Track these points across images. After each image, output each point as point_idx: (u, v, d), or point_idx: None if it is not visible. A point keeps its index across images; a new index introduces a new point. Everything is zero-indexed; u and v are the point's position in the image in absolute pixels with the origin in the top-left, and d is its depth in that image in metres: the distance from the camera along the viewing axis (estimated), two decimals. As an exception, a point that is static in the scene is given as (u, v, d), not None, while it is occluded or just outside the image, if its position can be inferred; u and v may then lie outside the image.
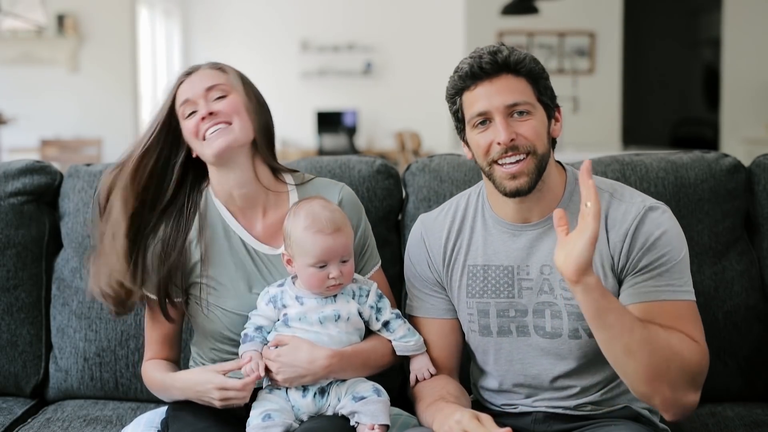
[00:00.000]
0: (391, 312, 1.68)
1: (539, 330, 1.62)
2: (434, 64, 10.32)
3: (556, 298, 1.60)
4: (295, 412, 1.61)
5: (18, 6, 7.34)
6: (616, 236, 1.57)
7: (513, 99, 1.55)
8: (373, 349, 1.66)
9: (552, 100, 1.61)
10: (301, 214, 1.63)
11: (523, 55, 1.57)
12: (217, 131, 1.65)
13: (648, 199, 1.60)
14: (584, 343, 1.59)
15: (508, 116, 1.55)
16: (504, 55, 1.55)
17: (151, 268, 1.69)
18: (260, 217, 1.73)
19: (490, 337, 1.65)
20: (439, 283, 1.71)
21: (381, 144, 10.54)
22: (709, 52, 10.03)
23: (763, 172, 1.99)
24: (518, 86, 1.55)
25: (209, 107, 1.66)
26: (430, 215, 1.76)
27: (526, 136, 1.55)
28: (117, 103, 8.44)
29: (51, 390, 2.05)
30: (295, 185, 1.76)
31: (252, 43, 9.94)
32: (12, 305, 2.02)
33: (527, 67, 1.56)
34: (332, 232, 1.61)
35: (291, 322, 1.63)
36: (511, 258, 1.63)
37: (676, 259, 1.54)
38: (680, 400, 1.46)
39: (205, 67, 1.73)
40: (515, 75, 1.56)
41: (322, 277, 1.61)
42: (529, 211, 1.61)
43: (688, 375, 1.46)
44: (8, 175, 2.06)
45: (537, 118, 1.56)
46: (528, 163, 1.55)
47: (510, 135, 1.54)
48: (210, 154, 1.66)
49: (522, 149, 1.55)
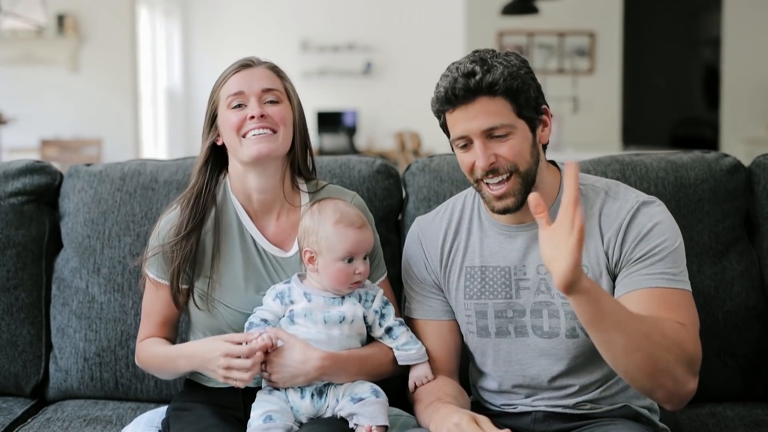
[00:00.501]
0: (395, 319, 1.69)
1: (537, 330, 1.62)
2: (434, 64, 10.28)
3: (553, 298, 1.60)
4: (294, 413, 1.61)
5: (18, 6, 7.35)
6: (609, 232, 1.57)
7: (489, 123, 1.53)
8: (370, 355, 1.66)
9: (536, 110, 1.58)
10: (329, 210, 1.65)
11: (499, 73, 1.51)
12: (261, 135, 1.64)
13: (642, 195, 1.60)
14: (581, 342, 1.59)
15: (487, 138, 1.54)
16: (477, 79, 1.51)
17: (164, 251, 1.68)
18: (274, 220, 1.74)
19: (489, 338, 1.66)
20: (436, 284, 1.71)
21: (381, 144, 10.55)
22: (709, 52, 10.03)
23: (763, 172, 1.99)
24: (495, 108, 1.52)
25: (262, 109, 1.65)
26: (426, 218, 1.76)
27: (506, 157, 1.54)
28: (117, 103, 8.45)
29: (51, 390, 2.05)
30: (308, 192, 1.76)
31: (252, 43, 9.93)
32: (12, 305, 2.02)
33: (504, 86, 1.52)
34: (360, 226, 1.64)
35: (296, 318, 1.63)
36: (508, 259, 1.63)
37: (670, 249, 1.53)
38: (682, 389, 1.45)
39: (264, 66, 1.72)
40: (491, 96, 1.52)
41: (349, 272, 1.63)
42: (523, 214, 1.61)
43: (687, 363, 1.44)
44: (8, 175, 2.06)
45: (517, 137, 1.55)
46: (512, 183, 1.55)
47: (488, 160, 1.53)
48: (248, 155, 1.65)
49: (503, 170, 1.55)
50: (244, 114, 1.65)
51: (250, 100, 1.66)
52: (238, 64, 1.70)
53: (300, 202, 1.75)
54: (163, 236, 1.70)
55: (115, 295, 1.99)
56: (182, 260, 1.67)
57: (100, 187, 2.04)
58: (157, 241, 1.71)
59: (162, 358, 1.71)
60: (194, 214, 1.69)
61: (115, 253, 1.99)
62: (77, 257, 2.02)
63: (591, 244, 1.58)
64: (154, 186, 2.01)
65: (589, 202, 1.61)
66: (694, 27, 10.50)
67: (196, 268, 1.69)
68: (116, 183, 2.04)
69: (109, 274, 1.99)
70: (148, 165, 2.08)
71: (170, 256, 1.68)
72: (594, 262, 1.57)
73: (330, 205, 1.67)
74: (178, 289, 1.69)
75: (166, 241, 1.68)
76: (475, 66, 1.52)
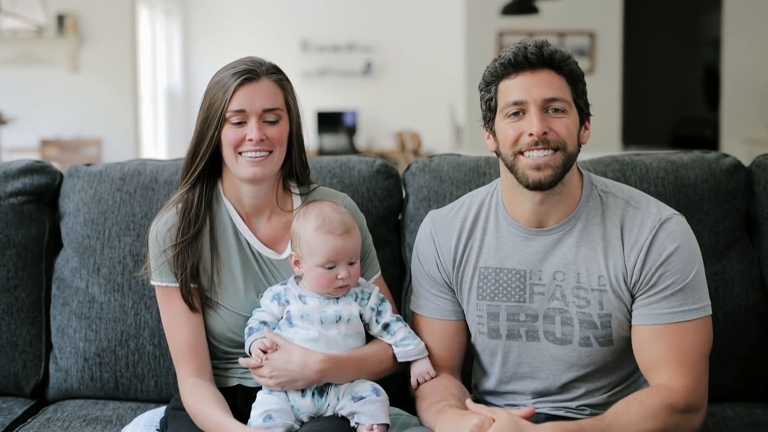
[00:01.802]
0: (391, 315, 1.68)
1: (549, 336, 1.61)
2: (434, 64, 10.34)
3: (568, 306, 1.59)
4: (295, 412, 1.61)
5: (18, 6, 7.34)
6: (630, 249, 1.56)
7: (552, 94, 1.54)
8: (370, 354, 1.66)
9: (586, 106, 1.61)
10: (312, 215, 1.64)
11: (568, 54, 1.56)
12: (256, 158, 1.64)
13: (663, 209, 1.60)
14: (594, 351, 1.59)
15: (543, 111, 1.54)
16: (550, 50, 1.54)
17: (167, 256, 1.67)
18: (265, 222, 1.74)
19: (499, 340, 1.65)
20: (447, 284, 1.70)
21: (381, 144, 10.55)
22: (709, 52, 10.02)
23: (763, 172, 1.99)
24: (558, 83, 1.55)
25: (261, 132, 1.63)
26: (439, 213, 1.74)
27: (559, 133, 1.54)
28: (117, 103, 8.45)
29: (51, 390, 2.05)
30: (300, 194, 1.76)
31: (252, 43, 9.93)
32: (12, 305, 2.02)
33: (570, 67, 1.56)
34: (342, 233, 1.62)
35: (294, 320, 1.63)
36: (524, 262, 1.62)
37: (689, 276, 1.54)
38: (691, 428, 1.53)
39: (268, 79, 1.66)
40: (557, 72, 1.55)
41: (330, 278, 1.62)
42: (546, 214, 1.60)
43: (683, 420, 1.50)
44: (8, 175, 2.06)
45: (571, 118, 1.56)
46: (556, 157, 1.54)
47: (543, 128, 1.53)
48: (243, 175, 1.65)
49: (552, 144, 1.54)
50: (243, 134, 1.63)
51: (250, 120, 1.64)
52: (241, 75, 1.64)
53: (292, 204, 1.75)
54: (162, 241, 1.68)
55: (115, 295, 1.99)
56: (189, 261, 1.66)
57: (100, 187, 2.04)
58: (157, 248, 1.69)
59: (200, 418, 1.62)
60: (196, 218, 1.68)
61: (115, 253, 1.99)
62: (77, 257, 2.02)
63: (611, 254, 1.57)
64: (154, 186, 2.01)
65: (610, 211, 1.60)
66: (694, 27, 10.49)
67: (198, 269, 1.69)
68: (116, 183, 2.04)
69: (109, 274, 1.99)
70: (148, 165, 2.08)
71: (174, 260, 1.66)
72: (612, 273, 1.57)
73: (315, 209, 1.65)
74: (189, 290, 1.67)
75: (168, 245, 1.67)
76: (547, 41, 1.56)
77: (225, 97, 1.63)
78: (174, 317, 1.68)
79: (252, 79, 1.64)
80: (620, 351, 1.60)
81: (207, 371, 1.68)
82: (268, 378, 1.60)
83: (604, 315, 1.57)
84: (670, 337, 1.52)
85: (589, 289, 1.58)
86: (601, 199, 1.61)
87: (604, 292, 1.57)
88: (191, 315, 1.68)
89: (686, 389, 1.51)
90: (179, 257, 1.66)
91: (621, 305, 1.57)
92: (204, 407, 1.61)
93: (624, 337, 1.59)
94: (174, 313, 1.68)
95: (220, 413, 1.59)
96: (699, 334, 1.54)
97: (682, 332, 1.53)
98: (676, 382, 1.51)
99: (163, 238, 1.68)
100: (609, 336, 1.58)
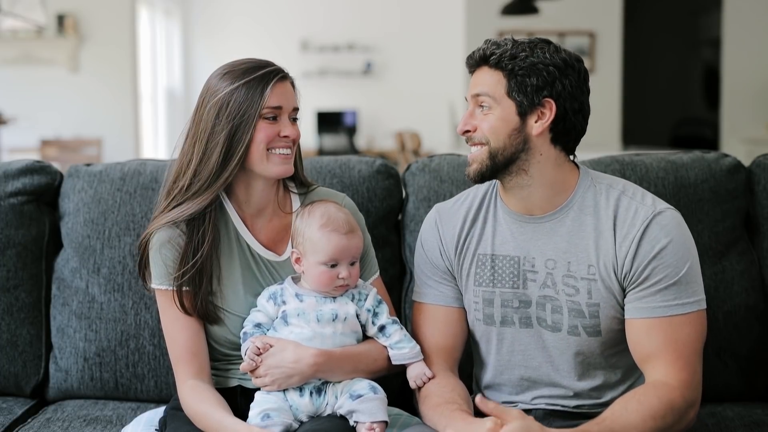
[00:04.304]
0: (387, 317, 1.69)
1: (542, 322, 1.64)
2: (434, 64, 10.34)
3: (558, 294, 1.61)
4: (294, 412, 1.61)
5: (18, 6, 7.33)
6: (623, 240, 1.58)
7: (476, 90, 1.62)
8: (365, 352, 1.66)
9: (532, 98, 1.58)
10: (317, 213, 1.65)
11: (501, 51, 1.59)
12: (284, 155, 1.66)
13: (658, 202, 1.61)
14: (583, 341, 1.60)
15: (477, 106, 1.62)
16: (481, 51, 1.61)
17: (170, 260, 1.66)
18: (266, 223, 1.74)
19: (493, 326, 1.67)
20: (449, 271, 1.73)
21: (381, 144, 10.54)
22: (709, 52, 10.03)
23: (763, 172, 1.99)
24: (490, 79, 1.60)
25: (294, 129, 1.68)
26: (445, 204, 1.78)
27: (481, 128, 1.61)
28: (117, 103, 8.45)
29: (51, 390, 2.05)
30: (298, 194, 1.77)
31: (252, 43, 9.94)
32: (12, 305, 2.02)
33: (497, 62, 1.59)
34: (347, 232, 1.64)
35: (290, 318, 1.64)
36: (517, 249, 1.65)
37: (682, 270, 1.55)
38: (687, 425, 1.54)
39: (288, 81, 1.69)
40: (491, 68, 1.60)
41: (332, 276, 1.63)
42: (529, 201, 1.64)
43: (681, 416, 1.51)
44: (8, 175, 2.06)
45: (497, 113, 1.59)
46: (482, 152, 1.61)
47: (465, 125, 1.62)
48: (271, 172, 1.66)
49: (476, 140, 1.62)
50: (277, 129, 1.65)
51: (282, 117, 1.66)
52: (275, 74, 1.65)
53: (291, 205, 1.76)
54: (166, 253, 1.66)
55: (115, 295, 1.99)
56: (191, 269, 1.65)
57: (100, 187, 2.04)
58: (159, 257, 1.67)
59: (201, 419, 1.62)
60: (204, 233, 1.66)
61: (115, 253, 1.99)
62: (77, 257, 2.02)
63: (602, 244, 1.59)
64: (154, 186, 2.01)
65: (604, 202, 1.62)
66: (694, 27, 10.50)
67: (199, 272, 1.68)
68: (116, 183, 2.04)
69: (109, 274, 1.99)
70: (148, 165, 2.08)
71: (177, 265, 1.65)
72: (602, 263, 1.58)
73: (320, 208, 1.67)
74: (182, 294, 1.65)
75: (170, 258, 1.66)
76: (504, 39, 1.63)
77: (263, 95, 1.63)
78: (174, 320, 1.68)
79: (285, 78, 1.68)
80: (610, 345, 1.62)
81: (206, 374, 1.68)
82: (264, 377, 1.60)
83: (592, 304, 1.59)
84: (664, 331, 1.54)
85: (579, 278, 1.60)
86: (596, 190, 1.63)
87: (593, 281, 1.59)
88: (191, 318, 1.67)
89: (682, 384, 1.52)
90: (181, 266, 1.65)
91: (610, 296, 1.59)
92: (205, 407, 1.61)
93: (613, 330, 1.60)
94: (174, 317, 1.68)
95: (222, 413, 1.59)
96: (693, 327, 1.55)
97: (676, 326, 1.54)
98: (672, 377, 1.52)
99: (166, 244, 1.66)
100: (597, 326, 1.60)
